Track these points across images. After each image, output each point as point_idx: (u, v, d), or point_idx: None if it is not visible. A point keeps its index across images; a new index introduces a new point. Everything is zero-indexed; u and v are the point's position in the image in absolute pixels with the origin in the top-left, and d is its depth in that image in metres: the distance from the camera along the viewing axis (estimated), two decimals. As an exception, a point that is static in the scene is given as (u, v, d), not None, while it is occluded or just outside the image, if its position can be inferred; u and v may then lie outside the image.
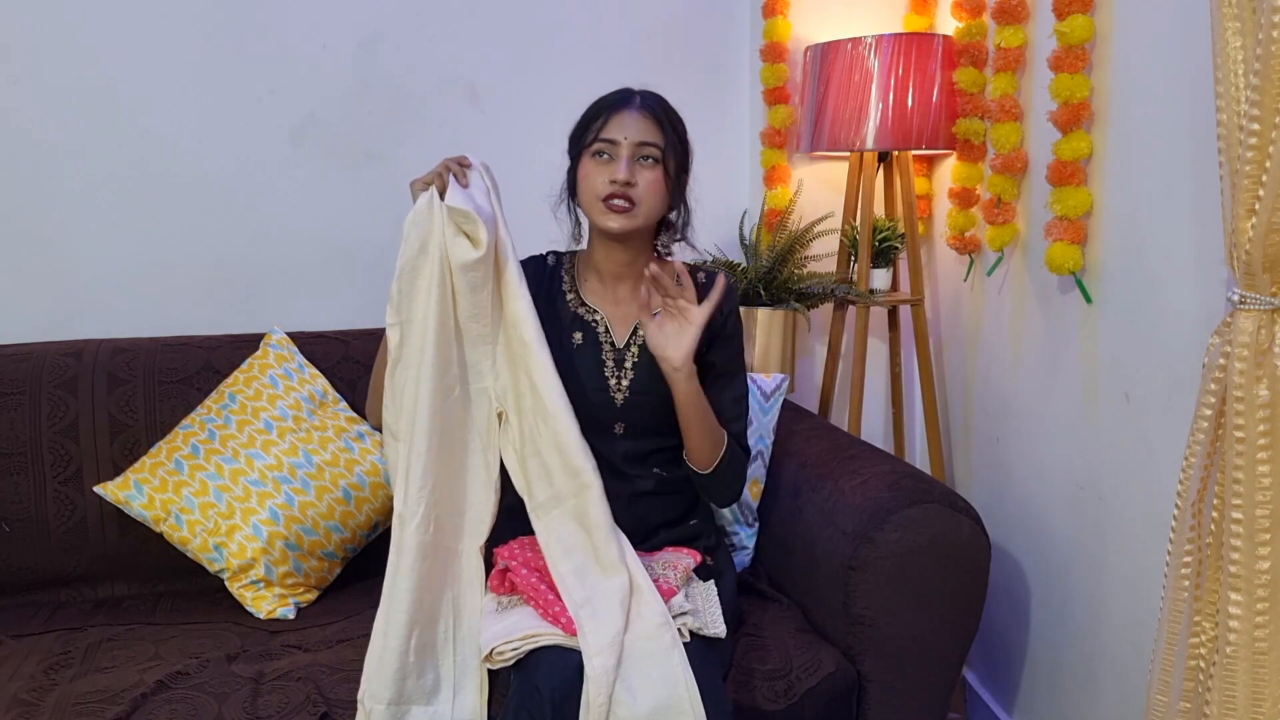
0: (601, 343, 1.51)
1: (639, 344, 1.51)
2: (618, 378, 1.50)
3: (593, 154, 1.43)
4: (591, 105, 1.47)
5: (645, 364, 1.49)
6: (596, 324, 1.52)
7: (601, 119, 1.43)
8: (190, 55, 1.98)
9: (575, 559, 1.36)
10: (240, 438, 1.72)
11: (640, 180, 1.41)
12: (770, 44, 2.16)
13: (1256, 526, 1.12)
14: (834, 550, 1.52)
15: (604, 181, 1.41)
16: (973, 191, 1.99)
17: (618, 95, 1.46)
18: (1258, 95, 1.04)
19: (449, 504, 1.39)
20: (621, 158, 1.41)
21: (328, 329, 1.98)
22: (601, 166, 1.42)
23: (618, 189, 1.40)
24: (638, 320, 1.50)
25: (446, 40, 2.10)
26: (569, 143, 1.49)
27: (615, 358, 1.51)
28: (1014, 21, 1.81)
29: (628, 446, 1.50)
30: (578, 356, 1.50)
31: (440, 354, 1.37)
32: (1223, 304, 1.26)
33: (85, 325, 1.97)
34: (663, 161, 1.43)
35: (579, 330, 1.51)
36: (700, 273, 1.56)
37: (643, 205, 1.42)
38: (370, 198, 2.10)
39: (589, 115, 1.46)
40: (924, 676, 1.54)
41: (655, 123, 1.43)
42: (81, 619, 1.65)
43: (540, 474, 1.40)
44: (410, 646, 1.31)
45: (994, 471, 2.04)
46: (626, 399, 1.49)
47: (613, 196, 1.41)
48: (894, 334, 2.25)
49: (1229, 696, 1.15)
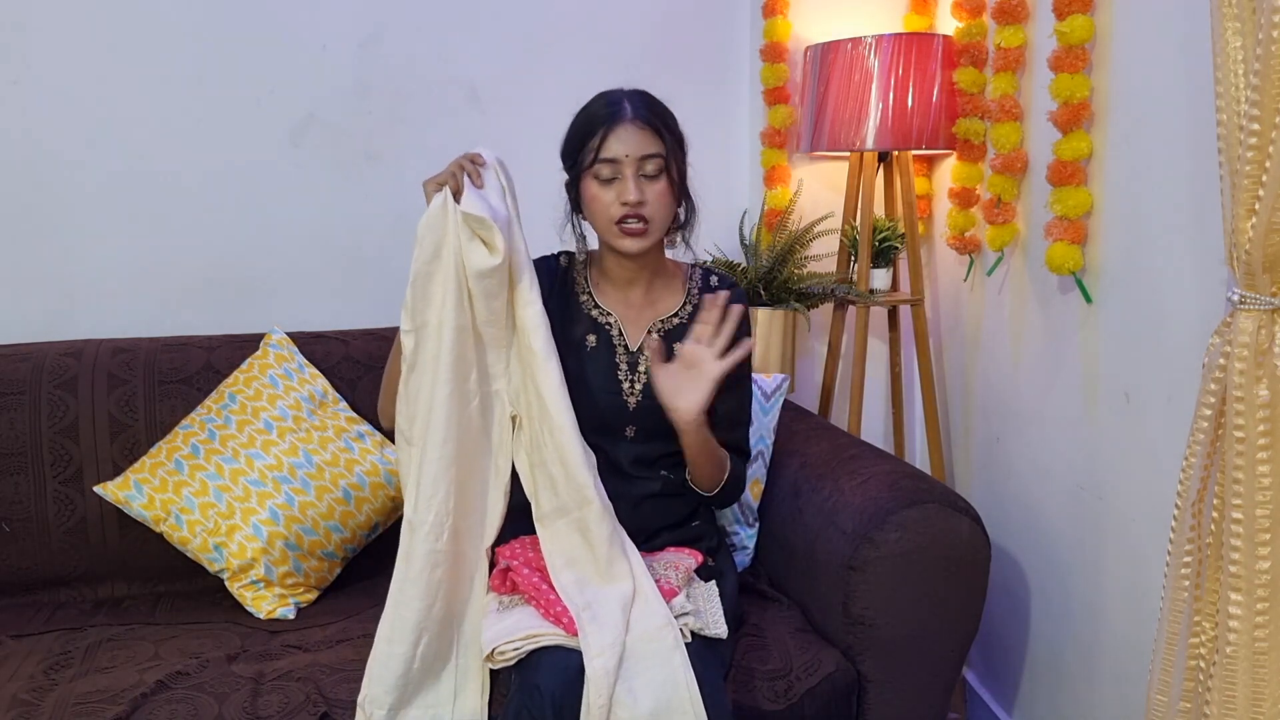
0: (615, 346, 1.50)
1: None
2: (630, 381, 1.49)
3: (595, 175, 1.40)
4: (582, 116, 1.43)
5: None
6: (610, 326, 1.51)
7: (599, 136, 1.39)
8: (190, 55, 1.98)
9: (577, 569, 1.35)
10: (240, 438, 1.72)
11: (649, 196, 1.40)
12: (770, 44, 2.16)
13: (1256, 526, 1.12)
14: (834, 550, 1.52)
15: (615, 204, 1.40)
16: (973, 191, 1.99)
17: (609, 107, 1.41)
18: (1258, 95, 1.04)
19: (463, 510, 1.38)
20: (627, 176, 1.38)
21: (328, 329, 1.98)
22: (608, 188, 1.40)
23: (629, 210, 1.39)
24: (651, 323, 1.50)
25: (446, 40, 2.10)
26: (564, 156, 1.46)
27: (629, 361, 1.50)
28: (1014, 21, 1.81)
29: (638, 450, 1.49)
30: (591, 359, 1.49)
31: (457, 360, 1.35)
32: (1223, 304, 1.26)
33: (85, 325, 1.97)
34: (667, 170, 1.41)
35: (593, 333, 1.50)
36: (714, 276, 1.56)
37: (656, 221, 1.41)
38: (370, 198, 2.10)
39: (583, 130, 1.41)
40: (924, 676, 1.54)
41: (653, 131, 1.40)
42: (81, 619, 1.65)
43: (546, 483, 1.38)
44: (416, 653, 1.31)
45: (994, 471, 2.04)
46: (639, 403, 1.48)
47: (626, 218, 1.40)
48: (894, 334, 2.25)
49: (1229, 697, 1.15)
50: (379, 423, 1.84)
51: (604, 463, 1.44)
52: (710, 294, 1.47)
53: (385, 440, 1.82)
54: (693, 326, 1.42)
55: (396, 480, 1.77)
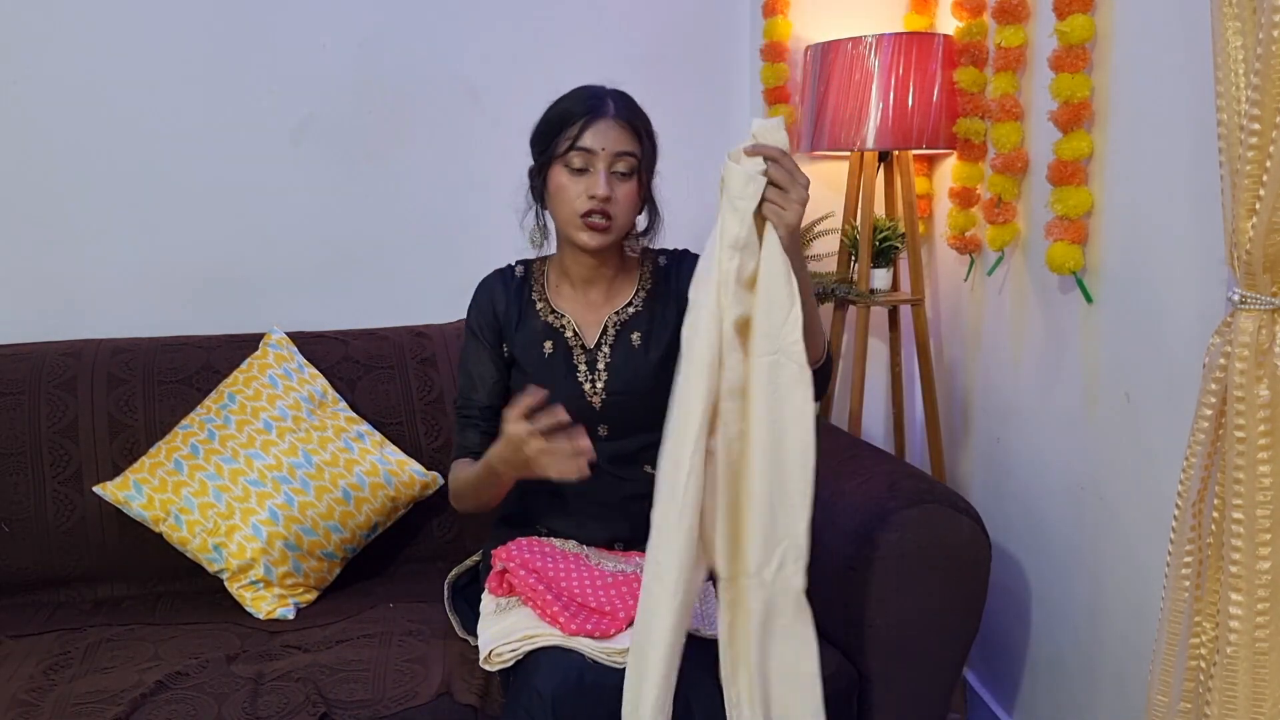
0: (571, 347, 1.48)
1: (609, 343, 1.48)
2: (591, 381, 1.47)
3: (566, 164, 1.38)
4: (561, 104, 1.41)
5: (619, 362, 1.46)
6: (564, 329, 1.48)
7: (577, 126, 1.37)
8: (190, 55, 1.98)
9: None
10: (240, 438, 1.72)
11: (618, 195, 1.38)
12: (770, 43, 2.16)
13: (1257, 526, 1.12)
14: (834, 550, 1.51)
15: (582, 197, 1.38)
16: (973, 191, 1.99)
17: (591, 101, 1.39)
18: (1258, 95, 1.04)
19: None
20: (599, 170, 1.37)
21: (327, 329, 1.98)
22: (578, 179, 1.38)
23: (596, 205, 1.37)
24: (607, 317, 1.49)
25: (446, 40, 2.10)
26: (534, 142, 1.44)
27: (587, 360, 1.47)
28: (1014, 21, 1.81)
29: (615, 448, 1.47)
30: (550, 366, 1.47)
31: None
32: (1223, 304, 1.25)
33: (85, 325, 1.96)
34: (638, 172, 1.40)
35: (549, 339, 1.48)
36: (662, 256, 1.54)
37: (618, 220, 1.40)
38: (370, 198, 2.10)
39: (561, 118, 1.39)
40: (924, 676, 1.54)
41: (631, 131, 1.39)
42: (81, 619, 1.65)
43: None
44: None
45: (994, 471, 2.03)
46: (605, 400, 1.46)
47: (591, 213, 1.38)
48: (894, 334, 2.25)
49: (1229, 697, 1.15)
50: (375, 422, 1.85)
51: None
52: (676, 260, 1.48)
53: (384, 440, 1.82)
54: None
55: (396, 480, 1.77)
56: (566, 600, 1.35)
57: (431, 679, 1.41)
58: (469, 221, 2.13)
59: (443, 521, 1.88)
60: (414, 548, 1.87)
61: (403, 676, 1.42)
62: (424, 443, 1.88)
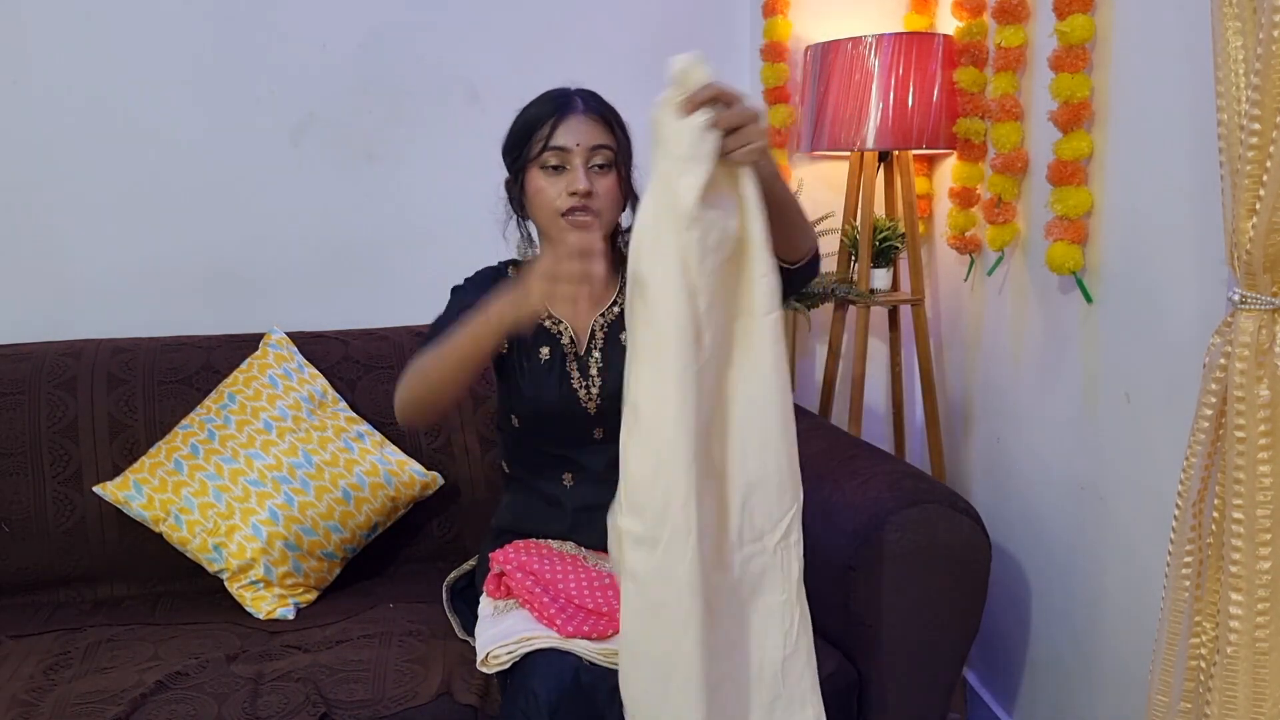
0: (566, 354, 1.45)
1: (599, 348, 1.46)
2: (586, 387, 1.44)
3: (542, 165, 1.35)
4: (526, 112, 1.39)
5: (611, 365, 1.44)
6: (561, 335, 1.46)
7: (547, 127, 1.34)
8: (190, 55, 1.98)
9: None
10: (240, 438, 1.72)
11: (599, 189, 1.36)
12: (770, 43, 2.16)
13: (1257, 526, 1.12)
14: (834, 550, 1.51)
15: (562, 195, 1.34)
16: (973, 191, 1.99)
17: (558, 100, 1.37)
18: (1258, 95, 1.04)
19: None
20: (576, 166, 1.34)
21: (327, 329, 1.98)
22: (555, 178, 1.35)
23: (578, 201, 1.34)
24: (594, 323, 1.47)
25: (446, 40, 2.09)
26: (506, 152, 1.42)
27: (580, 366, 1.45)
28: (1014, 21, 1.81)
29: (611, 451, 1.43)
30: (545, 372, 1.44)
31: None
32: (1223, 304, 1.25)
33: (85, 325, 1.96)
34: (616, 165, 1.38)
35: (545, 344, 1.45)
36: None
37: (604, 215, 1.37)
38: (370, 198, 2.10)
39: (530, 123, 1.37)
40: (924, 676, 1.53)
41: (604, 124, 1.37)
42: (81, 619, 1.65)
43: None
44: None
45: (994, 471, 2.03)
46: (600, 405, 1.44)
47: (574, 210, 1.35)
48: (894, 334, 2.25)
49: (1230, 697, 1.15)
50: (375, 422, 1.84)
51: (578, 474, 1.43)
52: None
53: (385, 440, 1.82)
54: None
55: (396, 480, 1.77)
56: (563, 602, 1.34)
57: (431, 679, 1.41)
58: (469, 221, 2.12)
59: (442, 522, 1.88)
60: (414, 548, 1.87)
61: (403, 677, 1.42)
62: (424, 443, 1.88)
